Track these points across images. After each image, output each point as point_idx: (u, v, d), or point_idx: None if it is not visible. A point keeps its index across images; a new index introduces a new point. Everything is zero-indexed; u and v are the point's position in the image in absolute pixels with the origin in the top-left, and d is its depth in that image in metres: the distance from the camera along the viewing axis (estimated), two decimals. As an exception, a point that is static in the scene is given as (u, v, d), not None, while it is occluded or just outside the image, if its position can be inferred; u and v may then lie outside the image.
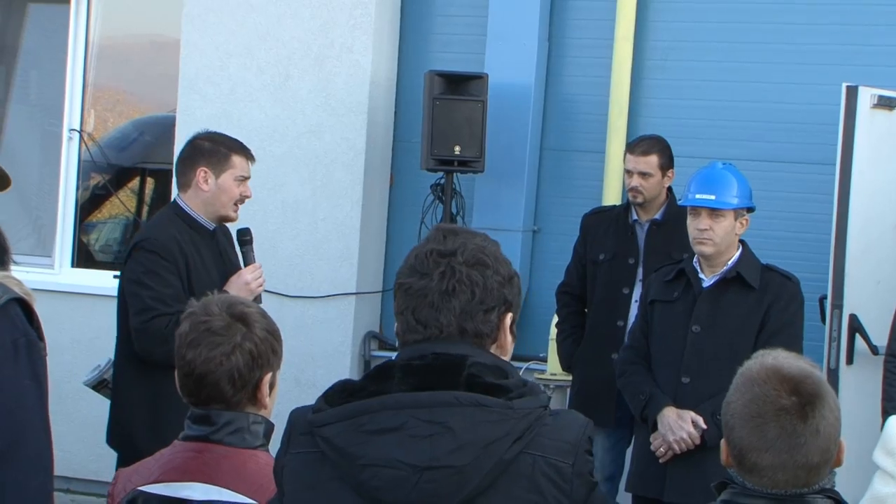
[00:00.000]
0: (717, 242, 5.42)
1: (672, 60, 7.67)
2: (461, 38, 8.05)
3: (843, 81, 6.58)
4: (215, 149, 5.46)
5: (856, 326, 6.45)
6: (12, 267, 5.39)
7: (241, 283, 5.34)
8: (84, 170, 8.80)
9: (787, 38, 7.43)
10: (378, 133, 8.05)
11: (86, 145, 8.71)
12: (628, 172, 6.41)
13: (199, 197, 5.42)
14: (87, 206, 9.02)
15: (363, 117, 7.94)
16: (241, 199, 5.47)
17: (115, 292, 5.54)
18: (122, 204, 9.16)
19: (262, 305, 5.23)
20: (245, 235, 5.53)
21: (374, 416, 2.45)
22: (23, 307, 2.63)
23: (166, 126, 8.58)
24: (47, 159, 8.87)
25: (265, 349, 3.14)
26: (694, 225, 5.46)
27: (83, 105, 8.74)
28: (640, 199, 6.36)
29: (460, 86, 7.51)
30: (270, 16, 8.09)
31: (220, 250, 5.47)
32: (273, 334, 3.17)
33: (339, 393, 2.52)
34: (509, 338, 2.61)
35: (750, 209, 5.52)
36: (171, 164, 8.20)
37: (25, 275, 4.96)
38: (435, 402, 2.44)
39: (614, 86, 7.62)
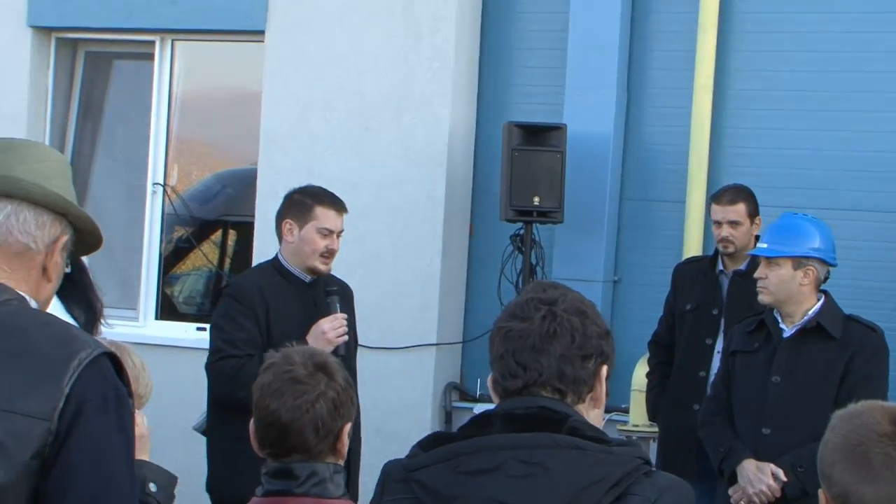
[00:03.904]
0: (772, 291, 5.37)
1: (753, 109, 7.63)
2: (540, 89, 8.05)
3: (926, 128, 6.53)
4: (301, 201, 5.63)
5: (943, 377, 6.36)
6: (103, 328, 5.45)
7: (318, 333, 5.42)
8: (168, 223, 8.90)
9: (870, 86, 7.37)
10: (457, 184, 8.07)
11: (169, 199, 8.81)
12: (717, 223, 6.37)
13: (288, 249, 5.62)
14: (171, 259, 9.11)
15: (442, 168, 7.96)
16: (327, 252, 5.56)
17: (198, 344, 5.62)
18: (204, 256, 9.24)
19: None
20: (330, 287, 5.62)
21: (470, 457, 2.45)
22: (112, 362, 2.67)
23: (248, 179, 8.65)
24: (132, 213, 8.97)
25: (346, 399, 3.16)
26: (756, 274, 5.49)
27: (167, 159, 8.85)
28: (730, 249, 6.32)
29: (539, 136, 7.52)
30: (350, 69, 8.15)
31: (317, 302, 5.55)
32: (350, 385, 3.20)
33: (434, 440, 2.54)
34: (604, 390, 2.63)
35: (824, 261, 5.38)
36: (253, 216, 8.34)
37: (110, 328, 5.03)
38: (534, 444, 2.44)
39: (694, 135, 7.59)
